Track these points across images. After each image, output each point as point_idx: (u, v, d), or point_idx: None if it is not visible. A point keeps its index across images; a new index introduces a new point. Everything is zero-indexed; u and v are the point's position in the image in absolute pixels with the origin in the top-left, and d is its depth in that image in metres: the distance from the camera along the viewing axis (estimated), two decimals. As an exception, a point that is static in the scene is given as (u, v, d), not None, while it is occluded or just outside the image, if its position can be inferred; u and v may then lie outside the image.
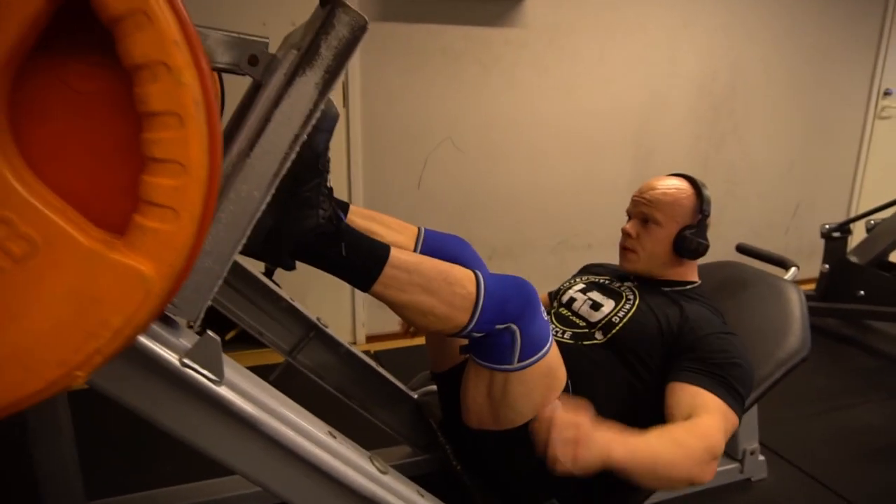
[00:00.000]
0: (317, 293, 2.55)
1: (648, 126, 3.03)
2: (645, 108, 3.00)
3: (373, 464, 1.00)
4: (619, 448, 0.95)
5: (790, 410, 2.23)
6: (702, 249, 1.40)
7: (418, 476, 1.23)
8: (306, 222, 0.95)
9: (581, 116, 2.89)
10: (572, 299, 1.49)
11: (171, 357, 0.79)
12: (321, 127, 0.92)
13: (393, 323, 2.77)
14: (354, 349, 1.64)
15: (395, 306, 1.05)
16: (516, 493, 1.27)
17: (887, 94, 3.58)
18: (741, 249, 1.85)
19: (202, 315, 0.81)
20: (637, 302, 1.37)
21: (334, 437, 0.97)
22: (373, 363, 1.69)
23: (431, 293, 1.04)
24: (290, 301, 1.57)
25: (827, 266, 2.95)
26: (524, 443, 1.20)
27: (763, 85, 3.26)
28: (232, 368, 0.88)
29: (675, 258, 1.43)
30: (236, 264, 1.50)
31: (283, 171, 0.82)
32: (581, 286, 1.52)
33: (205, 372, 0.81)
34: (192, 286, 0.79)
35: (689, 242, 1.38)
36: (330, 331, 1.61)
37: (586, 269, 1.66)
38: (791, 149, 3.45)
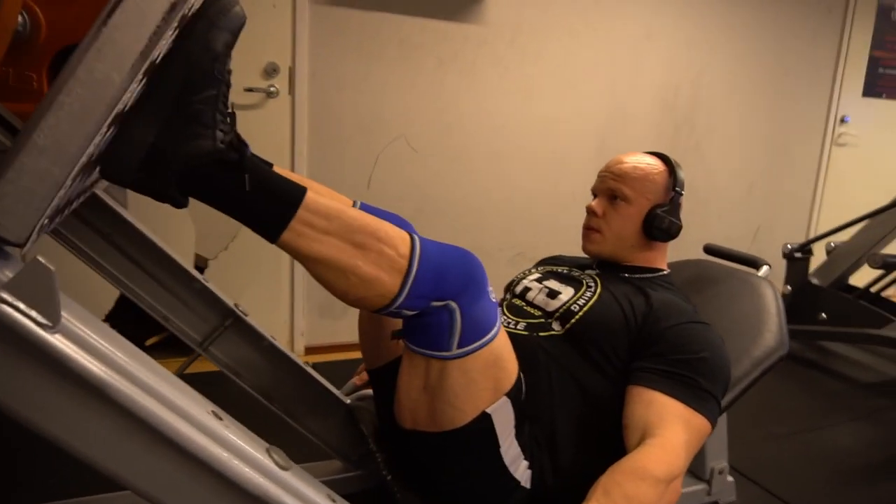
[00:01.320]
0: (249, 295, 2.32)
1: (611, 138, 2.94)
2: (608, 119, 2.91)
3: (270, 456, 0.79)
4: None
5: (757, 431, 2.11)
6: (674, 229, 1.25)
7: (350, 494, 1.02)
8: (199, 143, 0.75)
9: (542, 122, 2.78)
10: (527, 289, 1.31)
11: (-18, 287, 0.58)
12: (217, 23, 0.74)
13: (337, 333, 2.57)
14: (278, 343, 1.43)
15: (309, 262, 0.85)
16: (450, 499, 1.06)
17: (843, 121, 3.61)
18: (709, 250, 1.72)
19: (35, 236, 0.61)
20: (599, 290, 1.20)
21: (220, 418, 0.76)
22: (300, 361, 1.47)
23: (355, 248, 0.84)
24: (205, 282, 1.35)
25: (789, 287, 2.87)
26: (464, 447, 1.01)
27: (724, 104, 3.24)
28: (75, 314, 0.66)
29: (644, 241, 1.27)
30: (137, 232, 1.28)
31: (154, 54, 0.63)
32: (537, 276, 1.35)
33: (31, 312, 0.60)
34: (17, 192, 0.58)
35: (661, 220, 1.23)
36: (250, 320, 1.39)
37: (543, 262, 1.49)
38: (751, 170, 3.42)
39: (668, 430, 1.00)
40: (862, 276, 2.86)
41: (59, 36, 1.10)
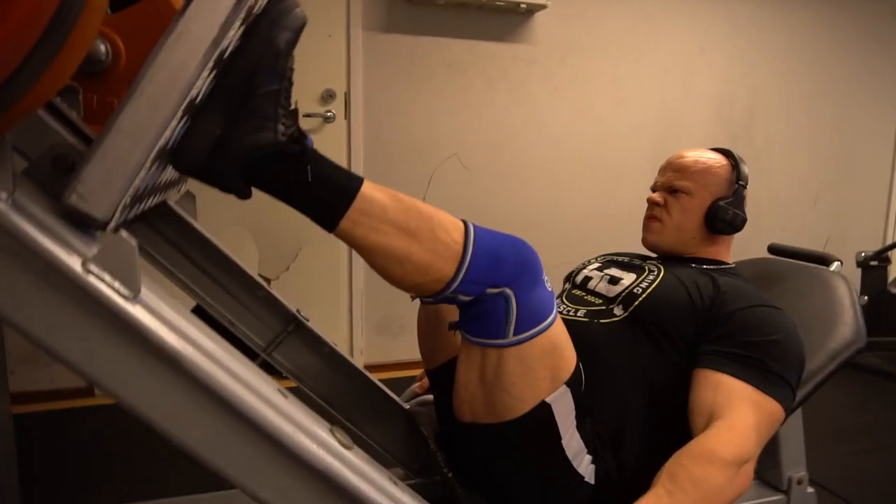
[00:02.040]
0: (309, 313, 2.37)
1: (665, 152, 2.88)
2: (662, 133, 2.88)
3: (333, 435, 0.80)
4: None
5: (840, 447, 1.98)
6: (738, 221, 1.22)
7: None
8: (262, 134, 0.79)
9: (595, 138, 2.78)
10: (587, 278, 1.30)
11: (71, 260, 0.63)
12: (280, 22, 0.79)
13: (395, 350, 2.59)
14: (339, 350, 1.46)
15: (366, 251, 0.87)
16: (514, 498, 1.04)
17: (915, 126, 3.44)
18: (774, 250, 1.66)
19: (118, 214, 0.66)
20: (662, 273, 1.18)
21: (285, 396, 0.79)
22: (360, 367, 1.49)
23: (410, 235, 0.86)
24: (269, 290, 1.41)
25: (865, 297, 2.71)
26: (524, 439, 1.00)
27: (783, 114, 3.15)
28: (153, 290, 0.71)
29: (706, 234, 1.25)
30: (206, 242, 1.35)
31: (224, 44, 0.68)
32: (597, 265, 1.34)
33: (114, 283, 0.64)
34: (103, 172, 0.64)
35: (724, 212, 1.21)
36: (312, 325, 1.43)
37: (604, 255, 1.47)
38: (816, 181, 3.29)
39: (736, 413, 0.96)
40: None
41: (137, 65, 1.20)
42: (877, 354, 2.74)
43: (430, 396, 1.47)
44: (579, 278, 1.32)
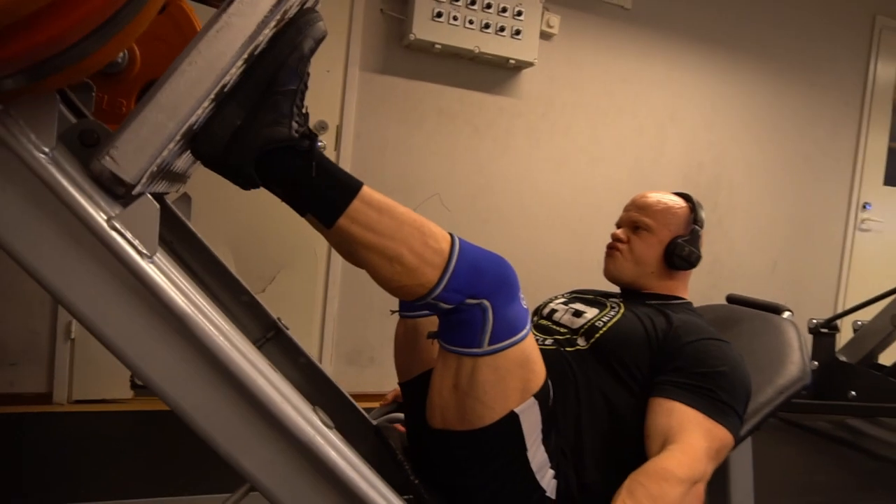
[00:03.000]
0: (283, 336, 2.39)
1: (636, 210, 3.05)
2: (633, 190, 3.01)
3: (317, 413, 0.85)
4: None
5: (789, 500, 2.04)
6: (694, 258, 1.32)
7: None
8: (277, 129, 0.87)
9: (571, 190, 2.92)
10: (553, 310, 1.38)
11: (98, 215, 0.68)
12: (305, 31, 0.88)
13: (364, 382, 2.60)
14: (315, 361, 1.49)
15: (359, 247, 0.93)
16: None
17: (865, 207, 3.68)
18: (732, 300, 1.76)
19: (145, 180, 0.71)
20: (622, 310, 1.27)
21: (276, 371, 0.83)
22: (333, 380, 1.53)
23: (402, 239, 0.93)
24: (253, 295, 1.45)
25: (816, 363, 2.84)
26: (492, 447, 1.04)
27: (746, 184, 3.35)
28: (167, 260, 0.76)
29: (665, 270, 1.34)
30: (197, 242, 1.39)
31: (260, 40, 0.76)
32: (563, 299, 1.42)
33: (135, 241, 0.70)
34: (137, 140, 0.70)
35: (681, 249, 1.30)
36: (290, 334, 1.47)
37: (569, 292, 1.56)
38: (774, 248, 3.47)
39: (689, 437, 1.03)
40: (891, 355, 2.84)
41: (149, 70, 1.27)
42: (825, 419, 2.85)
43: (400, 414, 1.51)
44: (546, 311, 1.40)
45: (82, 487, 1.57)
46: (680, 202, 1.38)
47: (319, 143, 0.92)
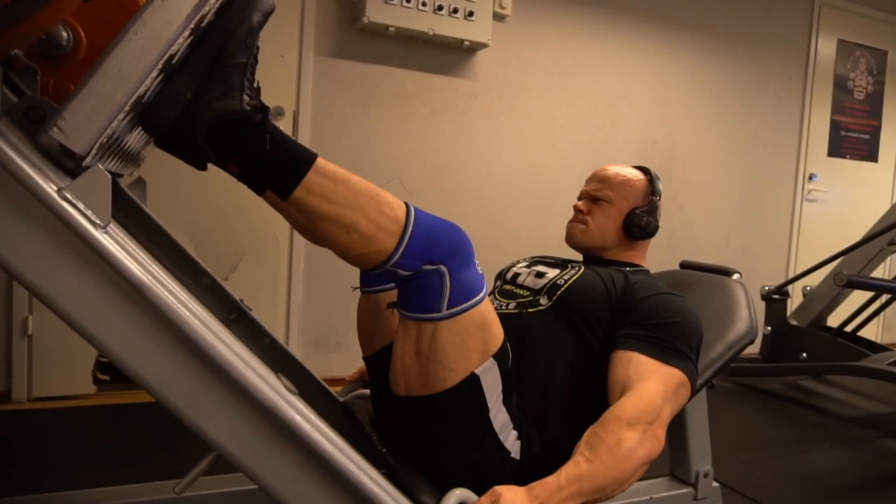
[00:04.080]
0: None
1: (593, 187, 3.11)
2: (589, 167, 3.07)
3: (280, 379, 0.86)
4: None
5: (744, 454, 2.14)
6: (651, 227, 1.37)
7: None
8: (228, 101, 0.87)
9: (528, 170, 2.96)
10: (516, 274, 1.42)
11: (47, 186, 0.68)
12: (253, 4, 0.88)
13: (330, 366, 2.61)
14: (279, 341, 1.50)
15: (316, 218, 0.95)
16: (444, 472, 1.10)
17: (811, 179, 3.83)
18: (684, 265, 1.83)
19: (94, 150, 0.72)
20: (582, 269, 1.31)
21: (237, 339, 0.85)
22: (298, 358, 1.54)
23: (358, 207, 0.95)
24: (214, 278, 1.44)
25: (769, 328, 2.97)
26: (454, 409, 1.07)
27: (699, 160, 3.45)
28: (122, 233, 0.76)
29: (624, 239, 1.39)
30: (154, 225, 1.38)
31: (207, 10, 0.77)
32: (525, 263, 1.47)
33: (87, 212, 0.70)
34: (85, 110, 0.70)
35: (639, 219, 1.36)
36: (254, 314, 1.47)
37: (531, 256, 1.60)
38: (728, 221, 3.59)
39: (644, 383, 1.08)
40: (839, 317, 2.98)
41: (95, 53, 1.25)
42: (778, 380, 2.98)
43: (365, 391, 1.53)
44: (509, 275, 1.44)
45: (47, 479, 1.55)
46: (638, 174, 1.43)
47: (270, 117, 0.93)
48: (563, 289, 1.25)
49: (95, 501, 1.36)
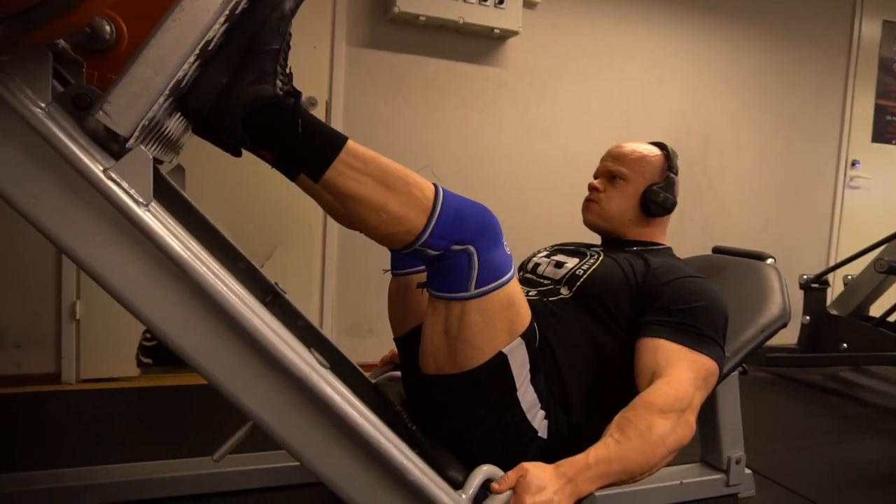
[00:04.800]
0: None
1: (626, 175, 3.08)
2: (622, 156, 3.07)
3: (312, 353, 0.90)
4: (585, 485, 0.96)
5: (780, 444, 2.11)
6: (669, 204, 1.36)
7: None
8: (262, 87, 0.90)
9: (560, 157, 2.95)
10: (537, 264, 1.44)
11: (94, 166, 0.72)
12: (289, -5, 0.91)
13: (363, 352, 2.66)
14: (313, 323, 1.54)
15: (346, 199, 0.97)
16: (473, 449, 1.12)
17: (854, 165, 3.72)
18: (717, 250, 1.81)
19: (137, 133, 0.75)
20: (601, 257, 1.31)
21: (273, 314, 0.88)
22: (332, 342, 1.58)
23: (387, 188, 0.97)
24: (250, 262, 1.49)
25: (807, 317, 2.90)
26: (482, 388, 1.09)
27: (735, 146, 3.38)
28: (164, 210, 0.80)
29: (642, 217, 1.39)
30: (193, 211, 1.44)
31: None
32: (545, 253, 1.48)
33: (131, 190, 0.74)
34: (127, 95, 0.74)
35: (656, 195, 1.35)
36: (289, 298, 1.52)
37: (551, 246, 1.61)
38: (765, 208, 3.51)
39: (675, 370, 1.08)
40: (882, 307, 2.89)
41: (136, 46, 1.30)
42: (817, 371, 2.91)
43: (397, 373, 1.56)
44: (530, 265, 1.46)
45: (94, 454, 1.63)
46: (654, 150, 1.42)
47: (302, 102, 0.96)
48: (582, 279, 1.26)
49: (138, 474, 1.43)
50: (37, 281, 2.21)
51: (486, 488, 0.98)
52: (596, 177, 1.45)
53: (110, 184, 0.72)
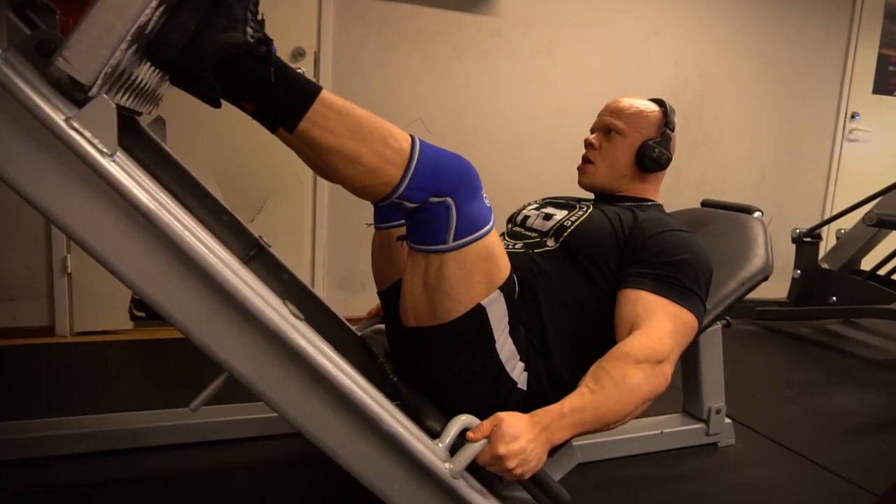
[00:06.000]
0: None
1: (621, 128, 3.04)
2: (617, 108, 3.02)
3: (286, 306, 0.90)
4: (559, 433, 0.97)
5: (765, 395, 2.15)
6: (664, 159, 1.34)
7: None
8: (232, 34, 0.88)
9: (554, 110, 2.90)
10: (526, 217, 1.43)
11: (56, 116, 0.71)
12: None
13: (356, 306, 2.68)
14: (298, 276, 1.54)
15: (321, 150, 0.96)
16: (453, 400, 1.14)
17: (853, 117, 3.66)
18: (706, 203, 1.81)
19: (99, 80, 0.74)
20: (590, 209, 1.31)
21: (244, 265, 0.88)
22: (317, 294, 1.59)
23: (362, 139, 0.96)
24: (234, 215, 1.49)
25: (798, 271, 2.91)
26: (461, 339, 1.10)
27: (733, 98, 3.32)
28: (131, 161, 0.79)
29: (637, 172, 1.37)
30: (174, 164, 1.42)
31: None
32: (535, 205, 1.47)
33: (94, 140, 0.73)
34: (88, 41, 0.72)
35: (651, 150, 1.33)
36: (273, 251, 1.52)
37: (542, 198, 1.60)
38: (761, 162, 3.48)
39: (653, 321, 1.09)
40: (873, 260, 2.90)
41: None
42: (806, 324, 2.94)
43: (382, 326, 1.58)
44: (519, 218, 1.45)
45: (88, 404, 1.66)
46: (652, 106, 1.39)
47: (274, 49, 0.94)
48: (569, 230, 1.26)
49: (128, 423, 1.47)
50: (29, 234, 2.21)
51: (463, 437, 1.00)
52: (592, 131, 1.43)
53: (73, 133, 0.71)
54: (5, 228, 2.18)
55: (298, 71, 0.97)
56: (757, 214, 1.57)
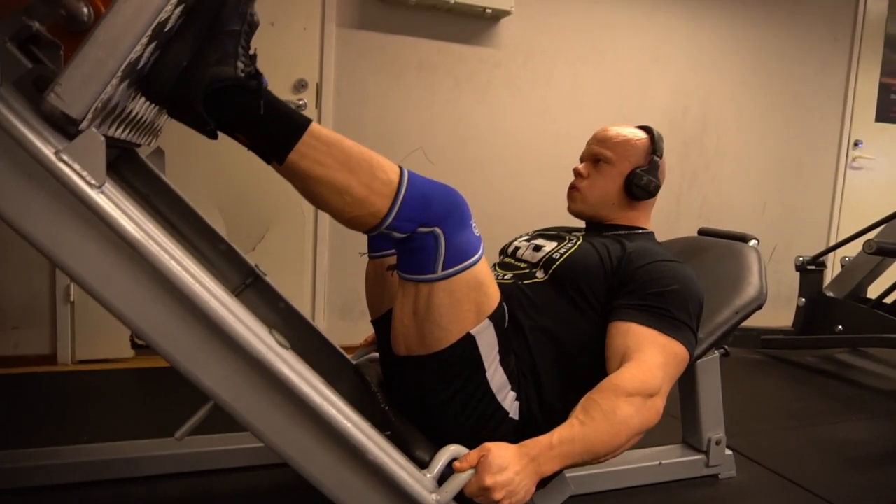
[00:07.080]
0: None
1: (622, 156, 3.06)
2: (617, 137, 3.04)
3: (272, 334, 0.90)
4: (548, 464, 0.97)
5: (768, 425, 2.11)
6: (652, 187, 1.35)
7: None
8: (223, 68, 0.90)
9: (554, 139, 2.93)
10: (517, 248, 1.44)
11: (46, 149, 0.73)
12: (246, -27, 0.91)
13: (356, 334, 2.68)
14: (294, 305, 1.55)
15: (310, 181, 0.98)
16: (444, 430, 1.13)
17: (857, 145, 3.67)
18: (702, 232, 1.81)
19: (90, 114, 0.76)
20: (580, 241, 1.31)
21: (232, 297, 0.89)
22: (313, 323, 1.59)
23: (351, 170, 0.98)
24: (230, 244, 1.51)
25: (803, 300, 2.89)
26: (452, 369, 1.10)
27: (733, 126, 3.34)
28: (119, 193, 0.81)
29: (626, 200, 1.38)
30: (172, 194, 1.44)
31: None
32: (527, 237, 1.48)
33: (83, 172, 0.74)
34: (80, 77, 0.74)
35: (639, 178, 1.34)
36: (269, 280, 1.53)
37: (534, 230, 1.61)
38: (764, 190, 3.48)
39: (644, 354, 1.08)
40: (879, 288, 2.87)
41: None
42: (811, 353, 2.90)
43: (374, 355, 1.58)
44: (510, 249, 1.46)
45: (87, 433, 1.66)
46: (639, 134, 1.41)
47: (300, 104, 0.96)
48: (558, 263, 1.26)
49: (126, 452, 1.46)
50: (33, 263, 2.23)
51: (452, 468, 0.99)
52: (582, 160, 1.45)
53: (62, 166, 0.73)
54: (10, 258, 2.21)
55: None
56: (752, 243, 1.57)
